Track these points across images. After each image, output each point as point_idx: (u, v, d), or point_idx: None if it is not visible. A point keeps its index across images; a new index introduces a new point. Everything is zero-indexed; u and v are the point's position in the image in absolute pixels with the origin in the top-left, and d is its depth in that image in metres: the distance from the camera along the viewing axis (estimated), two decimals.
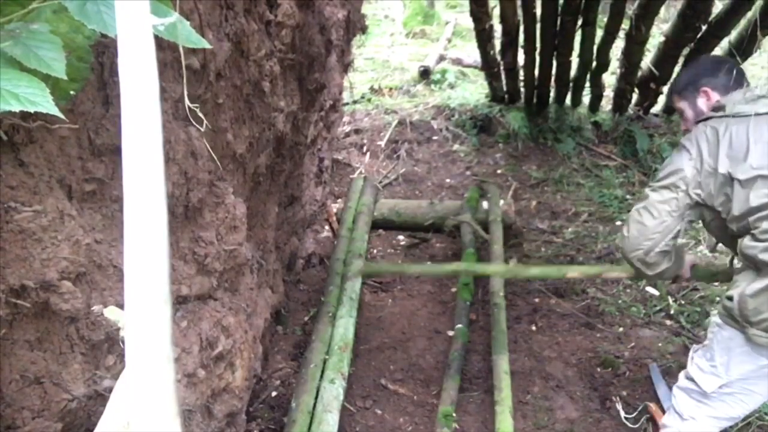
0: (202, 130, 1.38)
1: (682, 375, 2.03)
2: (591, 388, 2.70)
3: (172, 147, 1.41)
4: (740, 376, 1.82)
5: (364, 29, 3.92)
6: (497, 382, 2.55)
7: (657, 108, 5.11)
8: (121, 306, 1.14)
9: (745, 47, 3.97)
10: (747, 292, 1.71)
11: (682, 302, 3.24)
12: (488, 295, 3.22)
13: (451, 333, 2.97)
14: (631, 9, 4.23)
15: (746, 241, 1.72)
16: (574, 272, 2.24)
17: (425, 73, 6.54)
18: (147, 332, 0.58)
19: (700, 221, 1.92)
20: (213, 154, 1.59)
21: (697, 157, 1.77)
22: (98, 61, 1.15)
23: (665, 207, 1.79)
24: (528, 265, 2.05)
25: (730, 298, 1.76)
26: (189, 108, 1.26)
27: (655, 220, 1.80)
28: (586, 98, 5.18)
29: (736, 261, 1.87)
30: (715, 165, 1.74)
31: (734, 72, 1.93)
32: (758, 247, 1.68)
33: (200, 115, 1.31)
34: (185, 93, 1.22)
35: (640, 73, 4.71)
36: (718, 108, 1.85)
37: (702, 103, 1.94)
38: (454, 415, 2.44)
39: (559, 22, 4.28)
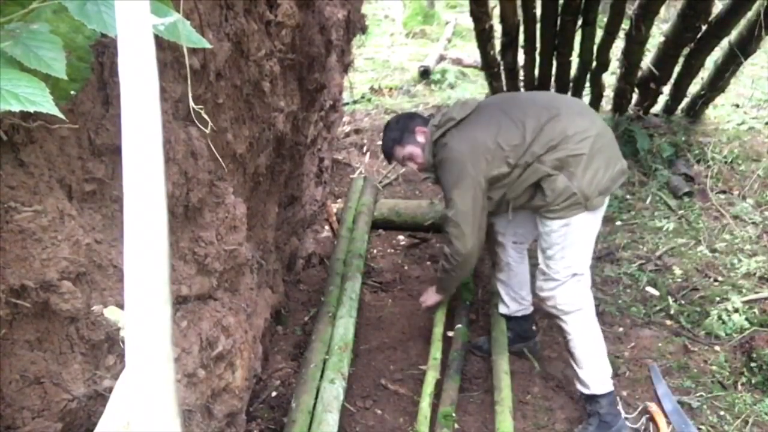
0: (207, 132, 1.38)
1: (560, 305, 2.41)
2: None
3: (172, 147, 1.41)
4: (593, 242, 2.45)
5: (364, 29, 3.92)
6: (497, 382, 2.55)
7: (657, 108, 5.11)
8: (121, 306, 1.14)
9: (745, 47, 3.98)
10: (583, 179, 2.25)
11: (682, 302, 3.24)
12: (488, 295, 3.22)
13: (450, 333, 2.96)
14: (631, 9, 4.23)
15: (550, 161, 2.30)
16: None
17: (425, 73, 6.54)
18: (147, 332, 0.58)
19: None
20: (214, 154, 1.58)
21: (477, 170, 2.33)
22: (98, 61, 1.15)
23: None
24: None
25: (575, 193, 2.25)
26: (193, 110, 1.26)
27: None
28: (586, 98, 5.18)
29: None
30: (494, 148, 2.32)
31: (416, 117, 2.65)
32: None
33: (204, 116, 1.30)
34: (189, 94, 1.22)
35: (640, 73, 4.71)
36: (449, 120, 2.42)
37: (422, 137, 2.54)
38: (454, 415, 2.44)
39: (559, 22, 4.27)
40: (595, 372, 2.39)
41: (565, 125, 2.30)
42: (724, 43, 4.22)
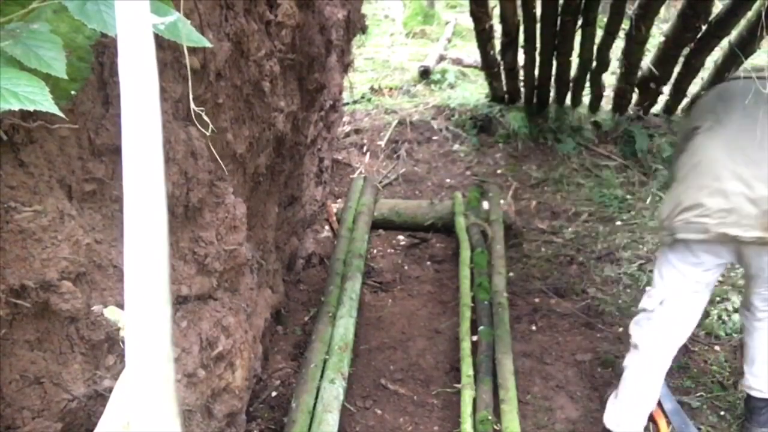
0: (209, 134, 1.38)
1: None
2: (591, 388, 2.70)
3: (172, 147, 1.41)
4: (673, 284, 2.14)
5: (364, 29, 3.92)
6: (503, 381, 2.53)
7: (657, 108, 5.11)
8: (121, 306, 1.14)
9: (745, 47, 3.98)
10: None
11: None
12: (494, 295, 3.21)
13: (475, 338, 2.86)
14: (631, 9, 4.23)
15: None
16: None
17: (425, 73, 6.54)
18: (147, 332, 0.58)
19: None
20: (214, 154, 1.58)
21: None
22: (98, 61, 1.15)
23: None
24: None
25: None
26: (194, 111, 1.26)
27: None
28: (586, 98, 5.18)
29: None
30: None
31: None
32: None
33: (206, 118, 1.30)
34: (191, 95, 1.22)
35: (640, 73, 4.71)
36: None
37: None
38: (490, 418, 2.37)
39: (559, 22, 4.28)
40: (620, 411, 2.27)
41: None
42: (724, 43, 4.22)
